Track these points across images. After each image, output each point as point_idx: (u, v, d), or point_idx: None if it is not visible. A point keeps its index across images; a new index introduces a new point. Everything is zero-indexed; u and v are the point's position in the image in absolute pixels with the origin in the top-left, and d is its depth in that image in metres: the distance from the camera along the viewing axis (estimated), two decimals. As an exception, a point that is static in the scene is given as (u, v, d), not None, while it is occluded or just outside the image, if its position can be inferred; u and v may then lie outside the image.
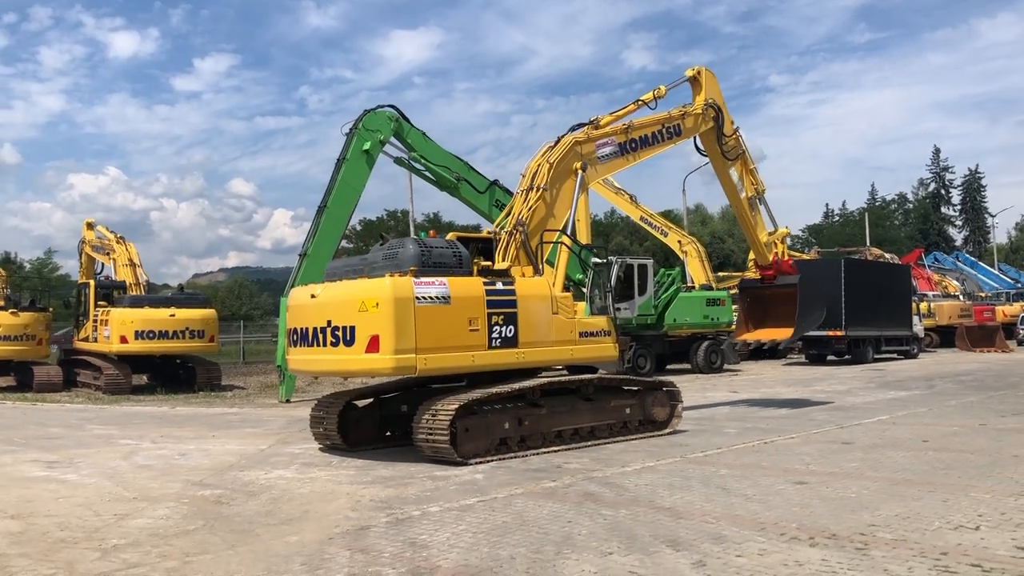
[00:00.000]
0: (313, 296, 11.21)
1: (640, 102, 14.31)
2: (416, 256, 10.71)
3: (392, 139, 20.21)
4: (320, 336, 10.82)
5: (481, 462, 10.27)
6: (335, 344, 10.62)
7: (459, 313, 10.69)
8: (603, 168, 13.56)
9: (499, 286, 11.18)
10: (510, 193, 18.56)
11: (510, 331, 11.12)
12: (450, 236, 11.95)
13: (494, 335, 10.97)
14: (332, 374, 11.73)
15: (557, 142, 12.83)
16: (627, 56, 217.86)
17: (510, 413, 10.98)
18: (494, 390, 10.76)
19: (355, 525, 7.29)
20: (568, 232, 12.56)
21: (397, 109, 20.21)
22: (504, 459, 10.47)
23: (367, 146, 19.64)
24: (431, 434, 10.20)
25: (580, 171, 12.79)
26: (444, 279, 10.67)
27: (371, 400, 12.14)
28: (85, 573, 6.00)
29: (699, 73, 15.22)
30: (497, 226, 12.59)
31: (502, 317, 11.06)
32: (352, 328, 10.43)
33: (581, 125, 13.15)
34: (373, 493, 8.68)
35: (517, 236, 11.92)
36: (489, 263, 11.65)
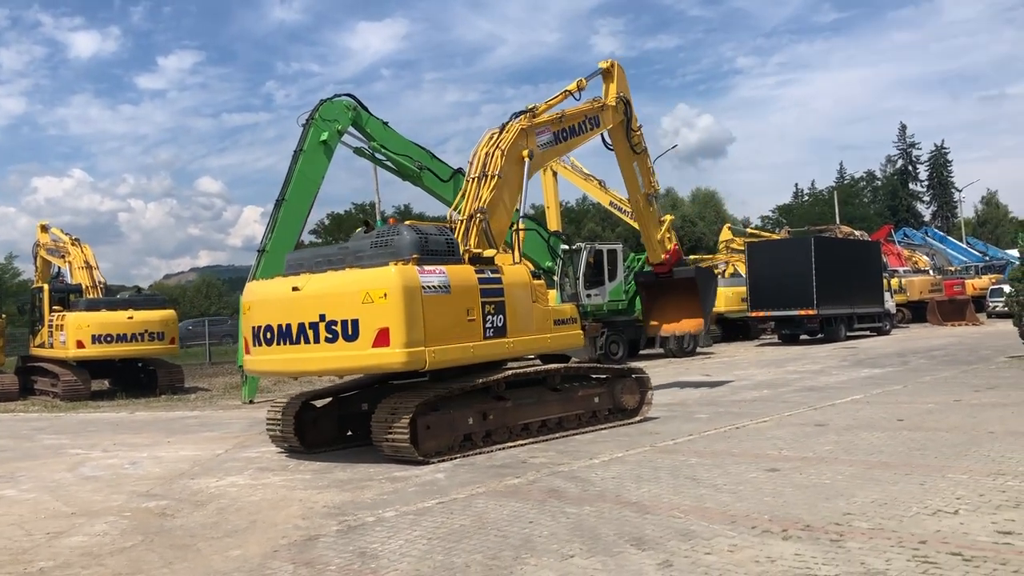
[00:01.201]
0: (296, 289, 10.29)
1: (567, 92, 14.26)
2: (416, 243, 10.14)
3: (351, 129, 19.63)
4: (309, 332, 10.05)
5: (444, 460, 9.86)
6: (331, 340, 9.85)
7: (458, 303, 10.25)
8: (542, 156, 13.33)
9: (488, 274, 10.77)
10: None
11: (500, 320, 10.72)
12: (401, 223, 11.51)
13: (487, 325, 10.57)
14: (327, 373, 10.92)
15: (503, 130, 12.54)
16: (595, 42, 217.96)
17: (474, 408, 10.56)
18: (456, 385, 10.34)
19: (304, 535, 6.85)
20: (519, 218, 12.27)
21: (354, 98, 19.64)
22: (468, 456, 10.06)
23: (324, 136, 19.06)
24: (390, 433, 9.77)
25: (527, 158, 12.51)
26: (443, 267, 10.21)
27: (330, 400, 11.68)
28: (3, 602, 5.53)
29: (612, 66, 15.39)
30: (452, 213, 12.20)
31: (493, 306, 10.66)
32: (355, 321, 9.70)
33: (520, 113, 12.91)
34: (327, 498, 8.24)
35: (478, 223, 11.51)
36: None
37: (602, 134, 15.25)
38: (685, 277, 16.55)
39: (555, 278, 17.60)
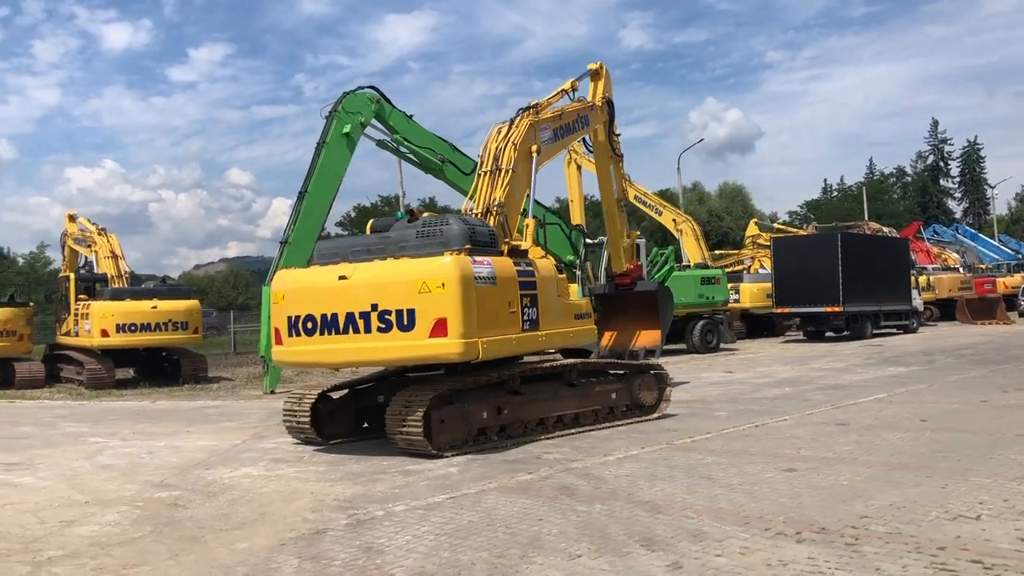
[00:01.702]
0: (343, 278, 10.19)
1: (562, 91, 14.25)
2: (465, 234, 10.13)
3: (374, 121, 19.60)
4: (360, 322, 9.97)
5: (457, 454, 9.79)
6: (385, 330, 9.79)
7: (503, 295, 10.23)
8: (546, 151, 13.23)
9: (524, 267, 10.76)
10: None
11: (534, 314, 10.71)
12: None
13: (524, 317, 10.55)
14: (379, 364, 10.97)
15: (511, 125, 12.47)
16: (623, 35, 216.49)
17: (488, 402, 10.48)
18: (470, 378, 10.27)
19: (312, 528, 6.81)
20: (529, 213, 12.21)
21: (378, 90, 19.62)
22: (482, 450, 9.99)
23: (347, 129, 19.05)
24: (404, 426, 9.71)
25: (535, 154, 12.45)
26: (489, 259, 10.21)
27: (346, 391, 11.65)
28: (9, 591, 5.53)
29: (600, 68, 15.45)
30: (468, 203, 12.15)
31: (528, 299, 10.64)
32: (411, 311, 9.66)
33: (525, 109, 12.82)
34: (339, 491, 8.20)
35: (496, 215, 11.44)
36: None
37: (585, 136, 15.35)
38: (646, 291, 16.30)
39: (577, 272, 17.50)
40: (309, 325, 10.38)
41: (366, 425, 11.66)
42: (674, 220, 34.33)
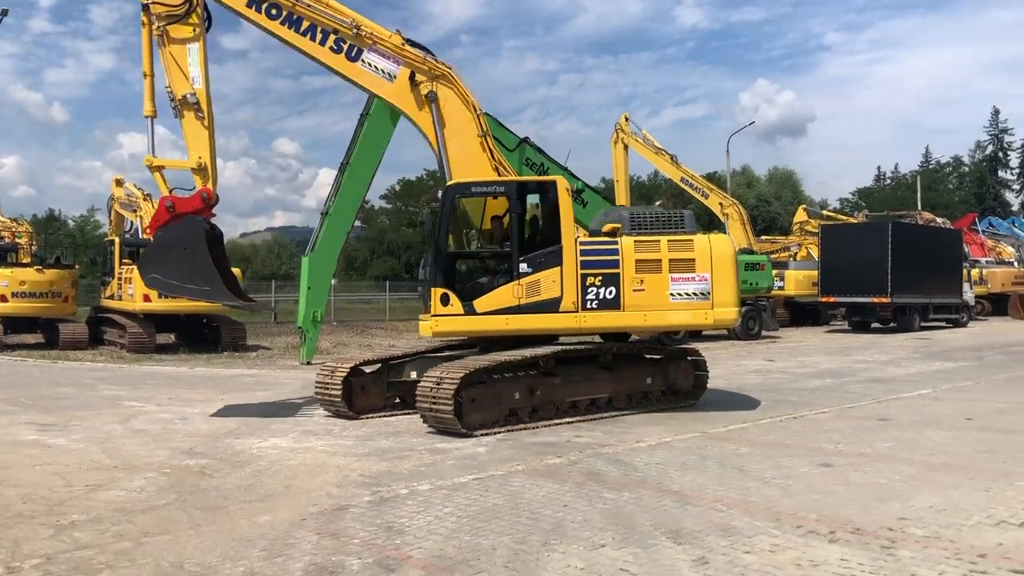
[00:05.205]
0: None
1: None
2: (695, 222, 11.54)
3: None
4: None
5: (487, 434, 9.68)
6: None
7: None
8: None
9: None
10: (540, 151, 17.81)
11: None
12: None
13: None
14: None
15: None
16: (678, 13, 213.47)
17: (521, 382, 10.36)
18: (503, 357, 10.14)
19: (334, 504, 6.74)
20: None
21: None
22: (512, 431, 9.87)
23: (391, 101, 18.93)
24: (435, 404, 9.62)
25: None
26: None
27: (379, 366, 11.60)
28: (29, 553, 5.53)
29: None
30: None
31: None
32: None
33: None
34: (365, 467, 8.14)
35: None
36: None
37: None
38: None
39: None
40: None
41: (398, 400, 11.61)
42: (720, 204, 33.70)
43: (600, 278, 10.78)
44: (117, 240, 23.93)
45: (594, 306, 10.76)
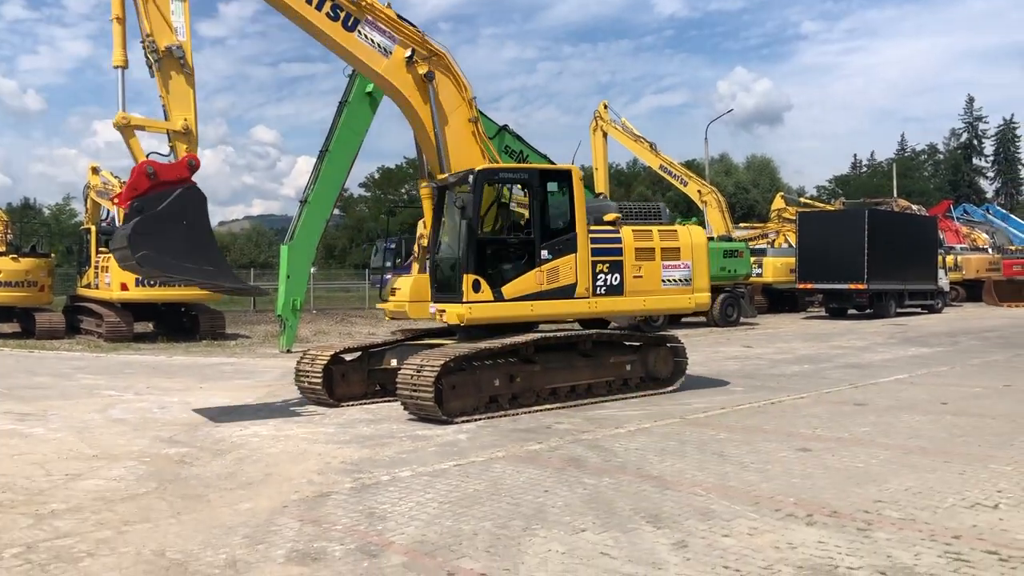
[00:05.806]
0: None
1: None
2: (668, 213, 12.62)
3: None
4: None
5: (468, 421, 9.72)
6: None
7: None
8: None
9: None
10: (520, 139, 17.78)
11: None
12: None
13: None
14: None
15: None
16: (656, 1, 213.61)
17: (501, 369, 10.39)
18: (483, 345, 10.16)
19: (316, 491, 6.75)
20: None
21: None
22: (493, 418, 9.91)
23: (370, 88, 18.73)
24: (415, 391, 9.63)
25: None
26: None
27: (359, 354, 11.59)
28: (9, 542, 5.50)
29: None
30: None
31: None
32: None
33: None
34: (346, 454, 8.15)
35: None
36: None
37: None
38: None
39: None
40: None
41: (379, 388, 11.61)
42: (699, 191, 33.83)
43: (608, 265, 11.25)
44: (93, 228, 23.70)
45: (603, 292, 11.23)
